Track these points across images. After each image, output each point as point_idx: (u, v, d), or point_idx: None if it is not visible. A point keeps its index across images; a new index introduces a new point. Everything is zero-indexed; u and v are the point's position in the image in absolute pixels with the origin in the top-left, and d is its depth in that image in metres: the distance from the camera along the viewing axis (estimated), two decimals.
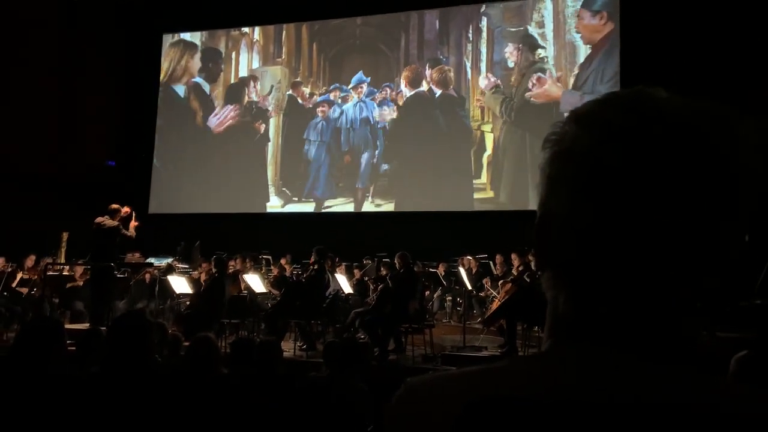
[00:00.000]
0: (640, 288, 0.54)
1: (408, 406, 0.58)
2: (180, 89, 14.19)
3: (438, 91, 12.38)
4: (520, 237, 4.65)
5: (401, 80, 12.67)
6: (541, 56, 11.72)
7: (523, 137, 11.41)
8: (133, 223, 8.15)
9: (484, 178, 11.87)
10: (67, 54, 13.27)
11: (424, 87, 12.46)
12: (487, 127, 11.99)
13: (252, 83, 13.81)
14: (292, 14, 13.53)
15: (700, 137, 0.53)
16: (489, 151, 11.90)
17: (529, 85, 11.60)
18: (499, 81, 11.91)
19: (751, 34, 9.56)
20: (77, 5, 13.13)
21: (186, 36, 14.42)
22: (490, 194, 11.77)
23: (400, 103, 12.65)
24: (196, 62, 14.21)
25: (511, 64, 11.87)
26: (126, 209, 8.10)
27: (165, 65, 14.34)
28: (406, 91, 12.64)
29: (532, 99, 11.57)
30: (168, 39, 14.53)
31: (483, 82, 12.01)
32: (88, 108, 13.40)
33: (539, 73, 11.55)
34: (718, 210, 0.52)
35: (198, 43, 14.37)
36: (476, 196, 11.87)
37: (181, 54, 14.31)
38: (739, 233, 0.54)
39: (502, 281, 7.36)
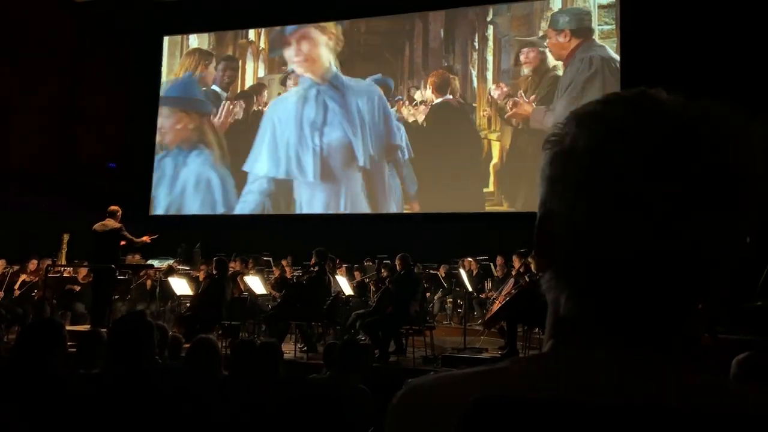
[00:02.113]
0: (641, 288, 0.54)
1: (409, 406, 0.58)
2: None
3: (451, 98, 12.34)
4: (522, 239, 4.65)
5: (427, 86, 12.48)
6: (553, 65, 11.68)
7: (540, 140, 11.32)
8: (145, 238, 8.28)
9: (491, 186, 11.82)
10: (68, 55, 13.28)
11: (450, 94, 12.36)
12: (493, 136, 11.98)
13: (260, 91, 13.75)
14: (296, 20, 13.49)
15: (701, 137, 0.53)
16: (495, 159, 11.88)
17: (508, 108, 11.76)
18: (510, 90, 11.88)
19: (755, 35, 9.54)
20: (78, 6, 13.13)
21: (194, 41, 14.37)
22: (500, 205, 11.67)
23: (414, 110, 12.51)
24: (210, 71, 14.14)
25: (526, 71, 11.79)
26: (145, 238, 8.26)
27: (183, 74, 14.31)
28: (427, 96, 12.43)
29: (512, 120, 11.78)
30: (171, 41, 14.50)
31: (495, 92, 11.97)
32: (89, 109, 13.39)
33: (514, 97, 11.73)
34: (720, 210, 0.52)
35: (210, 50, 14.27)
36: (484, 203, 11.80)
37: (196, 63, 14.25)
38: (742, 234, 0.54)
39: (514, 279, 7.30)
